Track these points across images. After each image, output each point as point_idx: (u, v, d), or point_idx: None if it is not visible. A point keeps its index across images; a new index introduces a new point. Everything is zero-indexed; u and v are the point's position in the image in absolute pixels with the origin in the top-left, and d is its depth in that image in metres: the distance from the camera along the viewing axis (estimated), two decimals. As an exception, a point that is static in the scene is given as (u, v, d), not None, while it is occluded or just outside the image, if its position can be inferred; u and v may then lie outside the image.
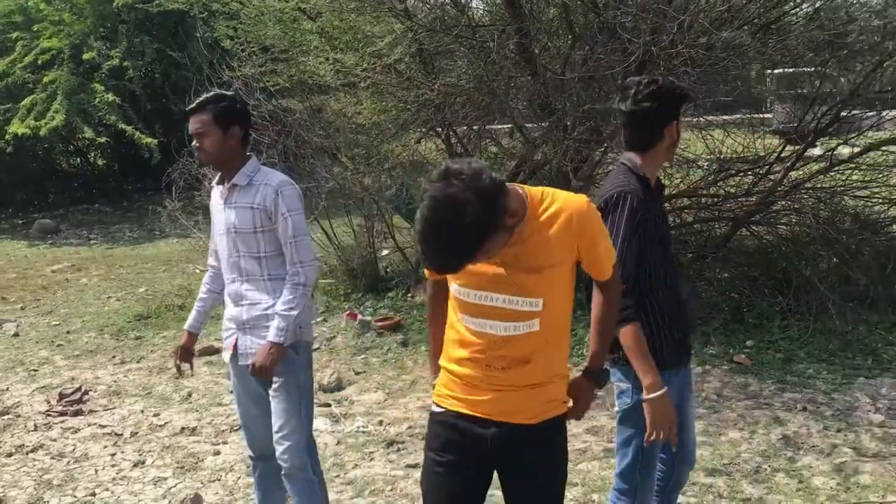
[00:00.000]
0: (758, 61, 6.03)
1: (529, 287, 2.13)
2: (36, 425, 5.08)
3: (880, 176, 6.22)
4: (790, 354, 5.48)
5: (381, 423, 4.84)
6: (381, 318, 6.61)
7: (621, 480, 2.76)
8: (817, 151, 6.49)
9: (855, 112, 6.35)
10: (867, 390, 4.90)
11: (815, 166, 6.32)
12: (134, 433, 4.90)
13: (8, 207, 14.47)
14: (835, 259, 6.14)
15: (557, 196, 2.16)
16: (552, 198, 2.14)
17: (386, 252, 8.12)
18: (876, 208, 6.33)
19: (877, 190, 6.23)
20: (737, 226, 6.33)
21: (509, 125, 6.69)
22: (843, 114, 6.23)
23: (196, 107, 3.04)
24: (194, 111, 3.04)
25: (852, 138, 6.35)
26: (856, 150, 6.25)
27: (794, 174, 6.23)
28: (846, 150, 6.36)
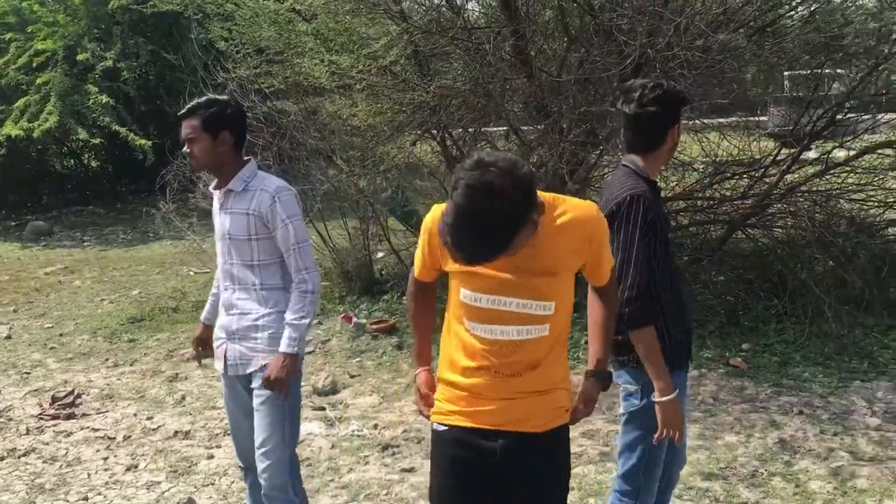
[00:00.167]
0: (754, 64, 6.03)
1: (543, 290, 2.12)
2: (28, 429, 5.04)
3: (876, 179, 6.22)
4: (786, 358, 5.47)
5: (376, 426, 4.82)
6: (376, 321, 6.59)
7: (624, 482, 2.75)
8: (812, 154, 6.49)
9: (851, 115, 6.35)
10: (863, 394, 4.90)
11: (811, 169, 6.32)
12: (127, 437, 4.87)
13: (1, 209, 14.39)
14: (830, 262, 6.14)
15: (569, 202, 2.16)
16: (564, 203, 2.15)
17: (381, 254, 8.11)
18: (871, 211, 6.34)
19: (872, 193, 6.23)
20: (732, 229, 6.33)
21: (505, 128, 6.67)
22: (839, 117, 6.24)
23: (186, 112, 2.97)
24: (185, 116, 2.97)
25: (848, 141, 6.34)
26: (851, 153, 6.25)
27: (789, 177, 6.23)
28: (842, 154, 6.36)
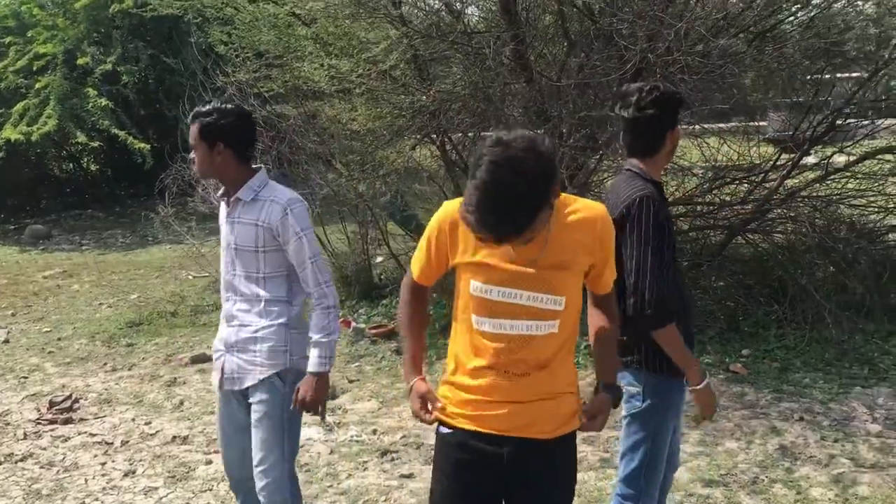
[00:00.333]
0: (754, 69, 6.02)
1: (554, 284, 2.12)
2: (25, 434, 5.02)
3: (876, 185, 6.21)
4: (786, 363, 5.46)
5: (375, 432, 4.80)
6: (375, 326, 6.57)
7: (625, 485, 2.74)
8: (812, 160, 6.49)
9: (850, 120, 6.35)
10: (864, 400, 4.88)
11: (811, 174, 6.31)
12: (125, 442, 4.85)
13: (-1, 213, 14.40)
14: (831, 268, 6.12)
15: (580, 201, 2.20)
16: (576, 202, 2.18)
17: (380, 259, 8.09)
18: (872, 217, 6.32)
19: (873, 199, 6.22)
20: (732, 234, 6.32)
21: (504, 132, 6.66)
22: (839, 122, 6.24)
23: (191, 118, 2.91)
24: (190, 121, 2.92)
25: (848, 147, 6.34)
26: (851, 158, 6.24)
27: (789, 182, 6.22)
28: (842, 159, 6.35)
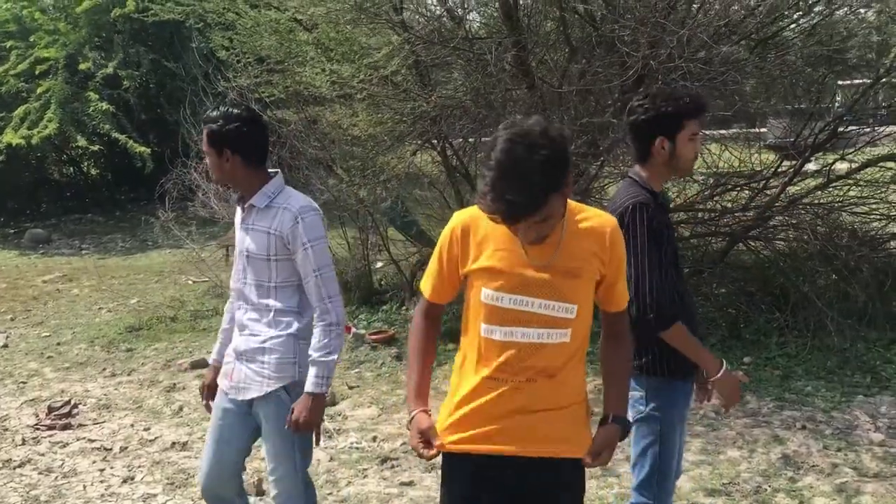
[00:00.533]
0: (755, 76, 6.02)
1: (565, 291, 2.11)
2: (24, 439, 4.99)
3: (878, 192, 6.19)
4: (788, 371, 5.44)
5: (375, 438, 4.78)
6: (376, 332, 6.55)
7: (639, 494, 2.74)
8: (813, 167, 6.47)
9: (852, 128, 6.34)
10: (866, 408, 4.86)
11: (813, 182, 6.30)
12: (123, 448, 4.82)
13: (-1, 216, 14.40)
14: (833, 275, 6.10)
15: (591, 209, 2.22)
16: (587, 210, 2.20)
17: (380, 265, 8.08)
18: (874, 224, 6.31)
19: (874, 206, 6.21)
20: (734, 241, 6.30)
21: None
22: (841, 129, 6.23)
23: (203, 121, 2.84)
24: (202, 127, 2.84)
25: (849, 154, 6.33)
26: (853, 165, 6.23)
27: (791, 189, 6.21)
28: (843, 166, 6.34)
